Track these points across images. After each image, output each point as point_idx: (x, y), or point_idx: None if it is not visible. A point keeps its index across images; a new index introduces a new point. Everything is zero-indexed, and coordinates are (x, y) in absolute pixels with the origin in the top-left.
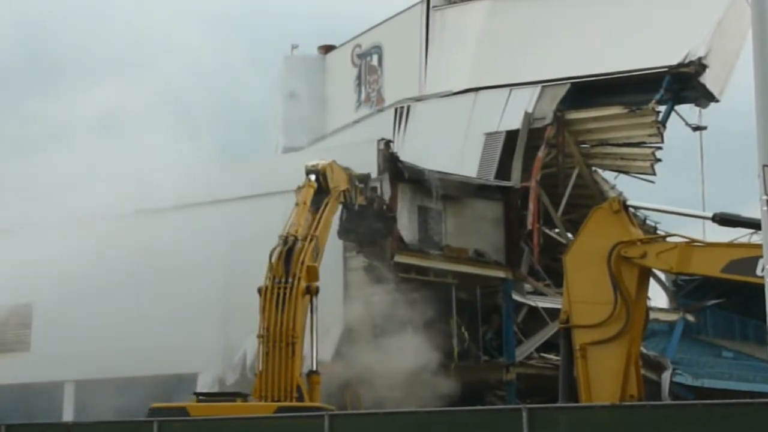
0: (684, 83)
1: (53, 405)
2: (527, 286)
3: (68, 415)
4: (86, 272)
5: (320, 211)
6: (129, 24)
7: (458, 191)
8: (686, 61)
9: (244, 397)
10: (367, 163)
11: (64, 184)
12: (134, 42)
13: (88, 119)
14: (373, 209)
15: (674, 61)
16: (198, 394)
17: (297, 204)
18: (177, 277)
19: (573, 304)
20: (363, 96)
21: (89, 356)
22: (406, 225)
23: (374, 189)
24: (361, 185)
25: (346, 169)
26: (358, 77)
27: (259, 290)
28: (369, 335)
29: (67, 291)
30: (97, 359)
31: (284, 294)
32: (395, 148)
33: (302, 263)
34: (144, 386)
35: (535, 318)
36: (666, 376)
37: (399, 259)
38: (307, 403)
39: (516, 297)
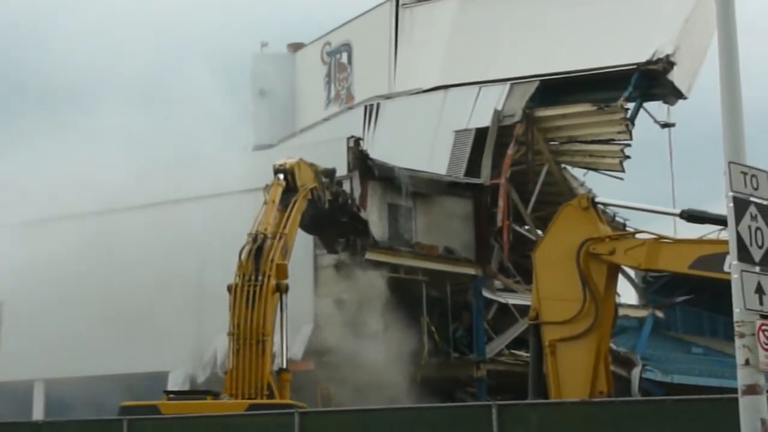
0: (652, 80)
1: (23, 404)
2: (497, 283)
3: (38, 414)
4: (56, 270)
5: (289, 209)
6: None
7: (428, 188)
8: (654, 58)
9: (214, 395)
10: (337, 161)
11: (33, 182)
12: (101, 42)
13: (59, 117)
14: (339, 204)
15: (642, 59)
16: (168, 392)
17: (266, 202)
18: (148, 276)
19: (542, 301)
20: (333, 94)
21: (59, 355)
22: (377, 222)
23: (339, 184)
24: (327, 180)
25: (312, 166)
26: (328, 75)
27: (229, 288)
28: (339, 333)
29: (36, 289)
30: (67, 358)
31: (254, 292)
32: (365, 145)
33: (272, 261)
34: (114, 385)
35: (506, 315)
36: (636, 372)
37: (369, 256)
38: (279, 401)
39: (486, 294)
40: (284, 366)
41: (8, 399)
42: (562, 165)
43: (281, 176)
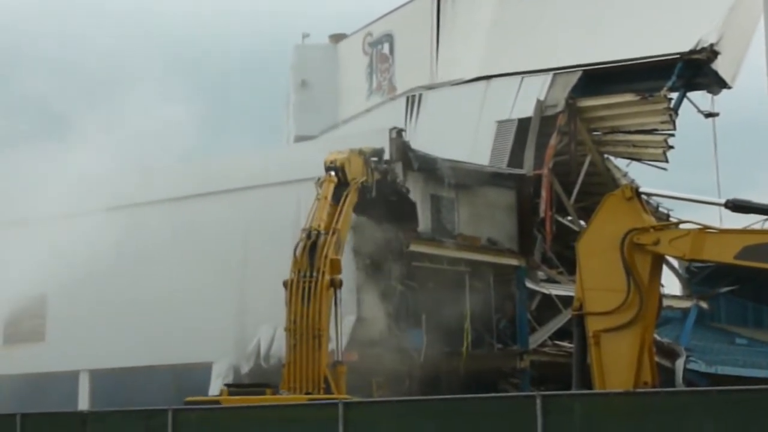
0: (696, 70)
1: (68, 394)
2: (540, 274)
3: (83, 405)
4: (100, 262)
5: (340, 204)
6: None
7: (471, 179)
8: (698, 47)
9: (273, 388)
10: None
11: (77, 174)
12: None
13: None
14: (387, 182)
15: (686, 48)
16: (229, 386)
17: (318, 198)
18: (191, 267)
19: (586, 292)
20: (374, 84)
21: (104, 346)
22: (419, 214)
23: (388, 162)
24: (375, 160)
25: (361, 153)
26: (370, 66)
27: (285, 284)
28: (382, 324)
29: (81, 281)
30: (111, 349)
31: (309, 287)
32: (407, 136)
33: (326, 257)
34: (158, 375)
35: (549, 306)
36: (680, 363)
37: (412, 247)
38: (337, 396)
39: (529, 285)
40: (339, 359)
41: (54, 389)
42: (605, 155)
43: (333, 173)
